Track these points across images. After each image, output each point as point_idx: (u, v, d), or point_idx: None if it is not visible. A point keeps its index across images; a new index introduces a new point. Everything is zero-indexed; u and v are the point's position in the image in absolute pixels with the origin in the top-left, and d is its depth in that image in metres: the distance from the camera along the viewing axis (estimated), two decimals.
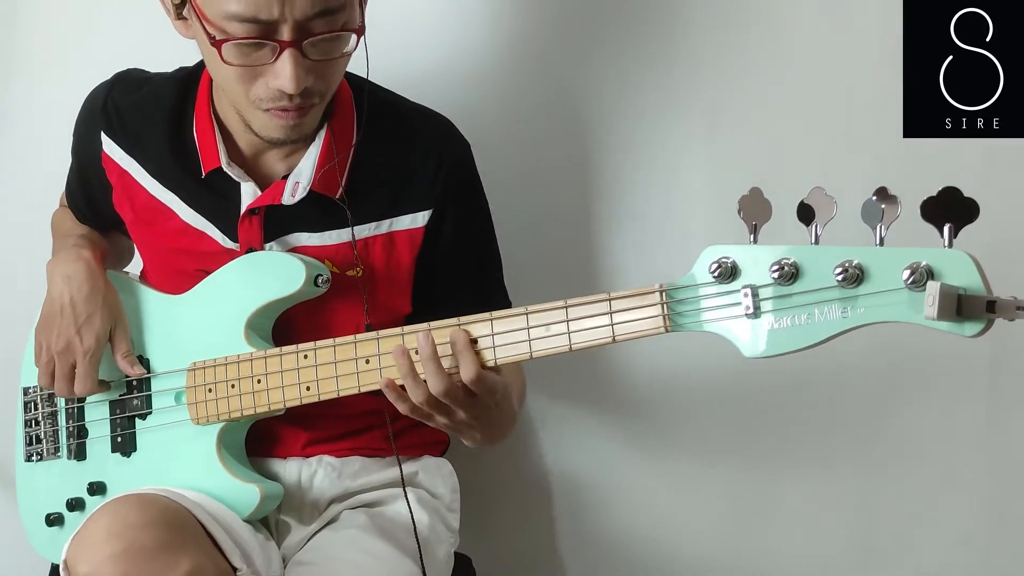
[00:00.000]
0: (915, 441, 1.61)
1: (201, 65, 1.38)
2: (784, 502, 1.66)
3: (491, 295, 1.43)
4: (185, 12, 1.24)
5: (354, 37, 1.23)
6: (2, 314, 1.80)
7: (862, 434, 1.62)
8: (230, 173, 1.34)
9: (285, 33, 1.18)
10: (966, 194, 0.91)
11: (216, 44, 1.19)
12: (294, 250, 1.35)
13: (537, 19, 1.64)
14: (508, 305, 1.44)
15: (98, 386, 1.39)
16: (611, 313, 1.09)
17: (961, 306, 0.90)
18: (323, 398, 1.27)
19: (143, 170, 1.40)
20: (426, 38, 1.67)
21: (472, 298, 1.38)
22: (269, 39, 1.18)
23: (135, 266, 1.52)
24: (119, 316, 1.40)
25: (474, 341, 1.16)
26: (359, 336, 1.24)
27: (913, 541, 1.63)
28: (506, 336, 1.15)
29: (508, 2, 1.65)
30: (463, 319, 1.17)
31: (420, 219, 1.36)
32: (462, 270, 1.41)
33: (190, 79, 1.40)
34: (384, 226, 1.36)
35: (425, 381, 1.16)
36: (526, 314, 1.14)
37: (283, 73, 1.19)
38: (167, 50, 1.39)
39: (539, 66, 1.65)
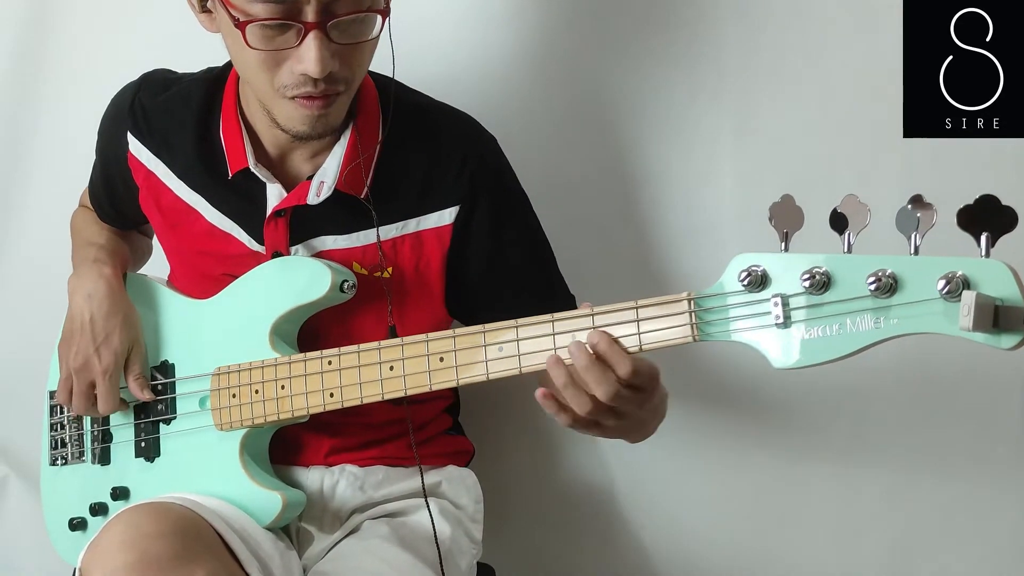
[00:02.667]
0: (947, 452, 1.58)
1: (229, 66, 1.38)
2: (814, 515, 1.63)
3: (554, 286, 1.41)
4: (209, 4, 1.24)
5: (379, 21, 1.22)
6: (29, 317, 1.81)
7: (894, 444, 1.59)
8: (257, 174, 1.33)
9: (309, 14, 1.16)
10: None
11: (240, 26, 1.18)
12: (321, 253, 1.35)
13: (564, 21, 1.63)
14: (571, 296, 1.42)
15: (120, 404, 1.39)
16: (638, 321, 1.08)
17: (998, 317, 0.88)
18: (346, 405, 1.26)
19: (169, 171, 1.40)
20: (451, 38, 1.66)
21: (535, 291, 1.37)
22: (293, 20, 1.17)
23: (161, 269, 1.51)
24: (137, 336, 1.40)
25: (616, 339, 1.10)
26: (383, 343, 1.23)
27: (944, 553, 1.60)
28: (532, 343, 1.14)
29: (534, 3, 1.64)
30: (488, 326, 1.17)
31: (447, 216, 1.35)
32: (514, 263, 1.38)
33: (217, 80, 1.39)
34: (411, 225, 1.35)
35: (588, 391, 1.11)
36: (552, 321, 1.13)
37: (308, 56, 1.18)
38: (195, 50, 1.39)
39: (566, 69, 1.64)
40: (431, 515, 1.34)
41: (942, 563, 1.60)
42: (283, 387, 1.29)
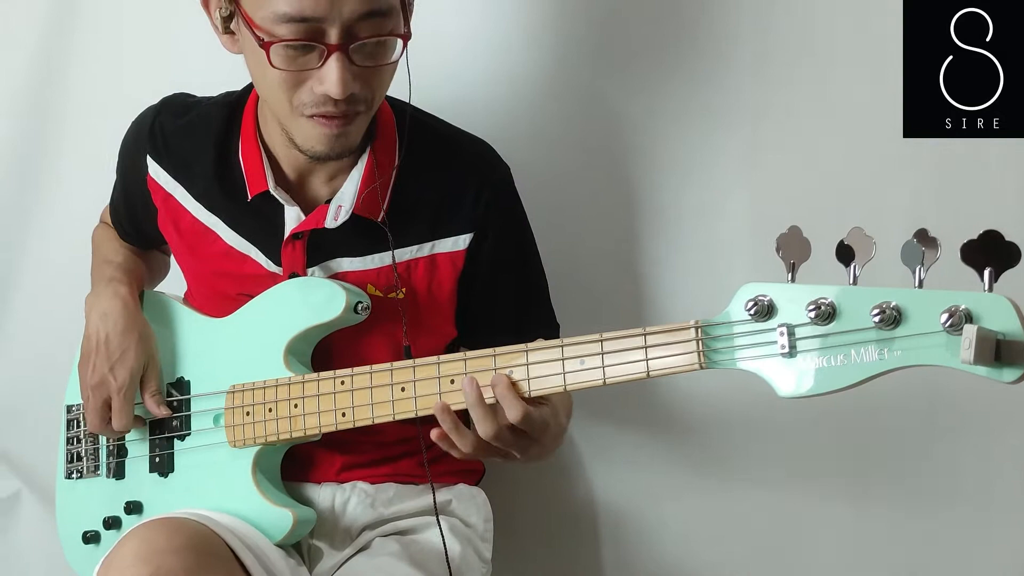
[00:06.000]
0: (954, 477, 1.57)
1: (247, 89, 1.40)
2: (828, 537, 1.63)
3: (535, 317, 1.44)
4: (232, 26, 1.26)
5: (400, 45, 1.24)
6: (43, 333, 1.83)
7: (902, 470, 1.59)
8: (276, 196, 1.35)
9: (332, 36, 1.18)
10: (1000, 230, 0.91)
11: (265, 46, 1.19)
12: (337, 274, 1.36)
13: (578, 45, 1.64)
14: (555, 328, 1.45)
15: (135, 422, 1.41)
16: (646, 348, 1.09)
17: (1000, 351, 0.89)
18: (358, 424, 1.27)
19: (188, 194, 1.42)
20: (465, 61, 1.68)
21: (515, 320, 1.40)
22: (317, 42, 1.19)
23: (178, 287, 1.53)
24: (152, 354, 1.42)
25: (514, 384, 1.16)
26: (395, 364, 1.25)
27: None
28: (541, 367, 1.15)
29: (548, 26, 1.65)
30: (499, 349, 1.18)
31: (462, 242, 1.37)
32: (504, 293, 1.41)
33: (236, 104, 1.41)
34: (426, 249, 1.37)
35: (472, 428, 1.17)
36: (561, 346, 1.14)
37: (329, 78, 1.19)
38: (216, 73, 1.42)
39: (577, 93, 1.64)
40: (442, 533, 1.35)
41: None
42: (296, 406, 1.30)
